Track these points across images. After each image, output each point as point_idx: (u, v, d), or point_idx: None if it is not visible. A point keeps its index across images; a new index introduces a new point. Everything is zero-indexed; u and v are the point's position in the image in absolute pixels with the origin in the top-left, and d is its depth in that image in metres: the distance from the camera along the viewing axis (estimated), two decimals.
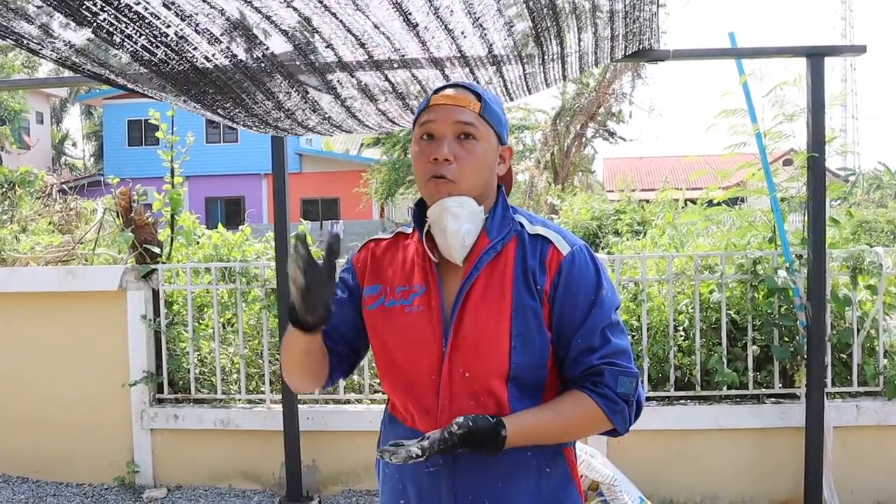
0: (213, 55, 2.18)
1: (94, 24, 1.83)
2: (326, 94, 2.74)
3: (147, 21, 1.88)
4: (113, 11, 1.79)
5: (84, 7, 1.72)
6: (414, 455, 1.24)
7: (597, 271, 1.42)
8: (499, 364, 1.36)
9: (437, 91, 1.48)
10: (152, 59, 2.10)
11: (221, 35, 2.07)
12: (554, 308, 1.39)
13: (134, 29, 1.90)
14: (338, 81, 2.65)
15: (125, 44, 1.97)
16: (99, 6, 1.74)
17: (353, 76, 2.61)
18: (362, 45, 2.32)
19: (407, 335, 1.42)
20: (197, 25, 1.97)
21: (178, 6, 1.86)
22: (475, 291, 1.40)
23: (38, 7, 1.69)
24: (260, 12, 1.99)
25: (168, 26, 1.93)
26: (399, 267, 1.49)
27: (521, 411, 1.36)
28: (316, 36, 2.22)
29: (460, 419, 1.28)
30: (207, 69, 2.27)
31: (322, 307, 1.33)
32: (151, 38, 1.98)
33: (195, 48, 2.10)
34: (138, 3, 1.78)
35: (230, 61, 2.25)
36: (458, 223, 1.39)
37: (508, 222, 1.46)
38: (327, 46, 2.30)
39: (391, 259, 1.52)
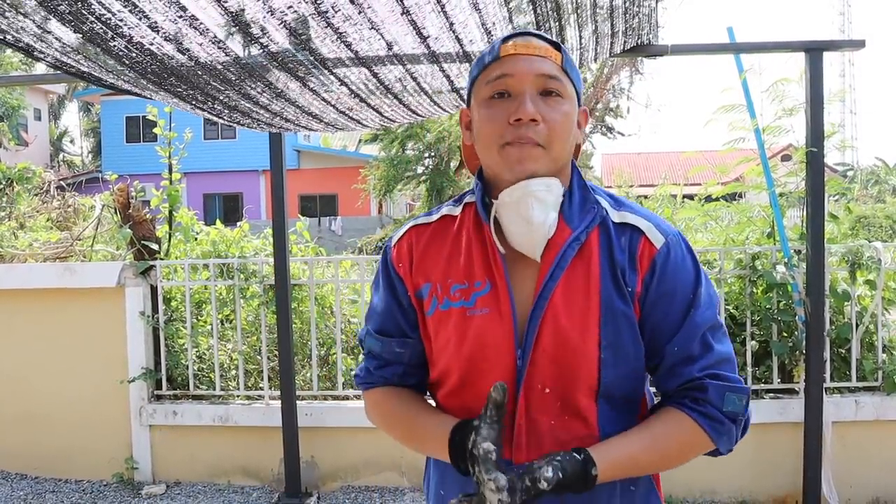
0: (213, 54, 2.17)
1: (102, 46, 1.83)
2: (320, 94, 2.73)
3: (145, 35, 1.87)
4: (125, 43, 1.79)
5: (88, 22, 1.72)
6: None
7: (695, 264, 1.21)
8: (586, 380, 1.15)
9: (503, 41, 1.19)
10: (150, 59, 2.09)
11: (221, 35, 2.06)
12: (644, 311, 1.17)
13: (127, 37, 1.89)
14: (327, 79, 2.64)
15: (122, 54, 1.97)
16: (110, 37, 1.74)
17: (332, 73, 2.59)
18: (347, 44, 2.30)
19: (471, 344, 1.18)
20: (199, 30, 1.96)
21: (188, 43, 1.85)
22: (557, 293, 1.15)
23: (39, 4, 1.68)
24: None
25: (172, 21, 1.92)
26: (451, 259, 1.23)
27: (612, 440, 1.14)
28: (310, 31, 2.20)
29: (548, 472, 1.05)
30: (213, 67, 2.26)
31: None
32: (148, 42, 1.97)
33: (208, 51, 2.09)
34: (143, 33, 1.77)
35: (228, 58, 2.24)
36: (545, 212, 1.15)
37: (591, 207, 1.20)
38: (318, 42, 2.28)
39: (438, 249, 1.25)
